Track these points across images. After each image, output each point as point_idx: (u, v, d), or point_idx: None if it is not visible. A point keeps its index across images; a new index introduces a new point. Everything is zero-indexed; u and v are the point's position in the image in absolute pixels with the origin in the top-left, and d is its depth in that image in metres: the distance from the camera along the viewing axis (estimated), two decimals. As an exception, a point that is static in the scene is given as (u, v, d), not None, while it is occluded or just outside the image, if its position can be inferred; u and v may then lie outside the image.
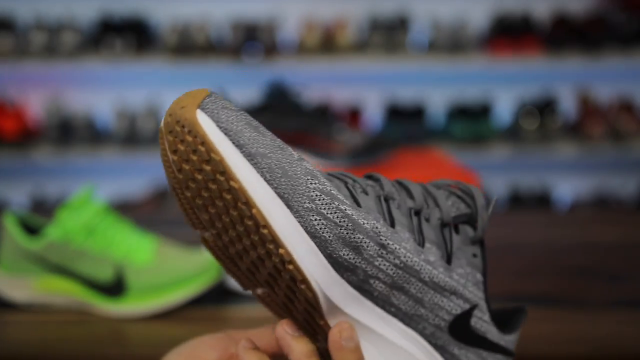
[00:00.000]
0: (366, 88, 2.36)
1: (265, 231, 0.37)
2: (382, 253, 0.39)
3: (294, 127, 1.02)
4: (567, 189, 2.47)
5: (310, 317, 0.41)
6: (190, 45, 2.15)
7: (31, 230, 0.73)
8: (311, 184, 0.38)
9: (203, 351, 0.43)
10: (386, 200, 0.41)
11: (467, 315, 0.42)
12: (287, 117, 1.03)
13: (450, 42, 2.19)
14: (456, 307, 0.42)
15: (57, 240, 0.69)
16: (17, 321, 0.69)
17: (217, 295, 0.70)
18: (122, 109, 2.26)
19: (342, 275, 0.39)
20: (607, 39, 2.18)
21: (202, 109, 0.37)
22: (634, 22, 2.22)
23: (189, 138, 0.36)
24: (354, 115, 2.27)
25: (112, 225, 0.71)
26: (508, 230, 1.00)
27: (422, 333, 0.42)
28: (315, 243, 0.38)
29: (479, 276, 0.43)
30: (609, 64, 2.18)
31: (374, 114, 2.35)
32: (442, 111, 2.33)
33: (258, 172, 0.37)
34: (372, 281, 0.40)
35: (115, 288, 0.69)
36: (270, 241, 0.37)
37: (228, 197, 0.37)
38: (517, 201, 2.37)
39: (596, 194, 2.41)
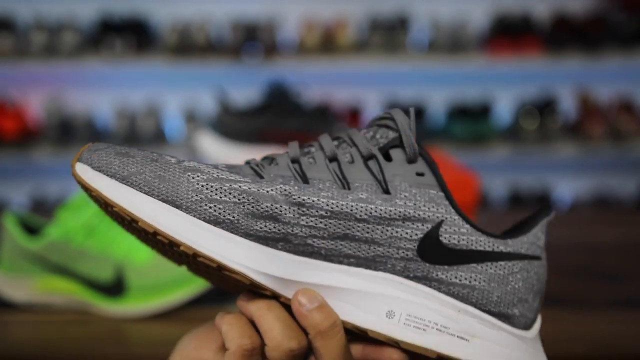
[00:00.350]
0: (366, 88, 2.36)
1: (160, 237, 0.39)
2: (303, 211, 0.39)
3: (294, 127, 1.02)
4: (567, 189, 2.47)
5: (273, 297, 0.41)
6: (190, 45, 2.15)
7: (31, 230, 0.74)
8: (193, 178, 0.40)
9: (216, 334, 0.44)
10: (294, 161, 0.42)
11: (433, 235, 0.40)
12: (287, 117, 1.03)
13: (450, 42, 2.19)
14: (415, 231, 0.40)
15: (57, 240, 0.69)
16: (17, 321, 0.69)
17: (217, 295, 0.70)
18: (122, 109, 2.26)
19: (275, 247, 0.39)
20: (607, 39, 2.18)
21: (80, 161, 0.41)
22: (634, 22, 2.22)
23: (84, 189, 0.40)
24: (354, 115, 2.27)
25: (112, 225, 0.71)
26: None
27: (393, 271, 0.40)
28: (223, 228, 0.39)
29: (433, 192, 0.41)
30: (609, 64, 2.18)
31: (373, 114, 2.35)
32: (442, 111, 2.33)
33: (135, 189, 0.39)
34: (311, 241, 0.40)
35: (115, 288, 0.69)
36: (172, 243, 0.39)
37: (126, 222, 0.40)
38: (517, 201, 2.37)
39: (596, 194, 2.41)
